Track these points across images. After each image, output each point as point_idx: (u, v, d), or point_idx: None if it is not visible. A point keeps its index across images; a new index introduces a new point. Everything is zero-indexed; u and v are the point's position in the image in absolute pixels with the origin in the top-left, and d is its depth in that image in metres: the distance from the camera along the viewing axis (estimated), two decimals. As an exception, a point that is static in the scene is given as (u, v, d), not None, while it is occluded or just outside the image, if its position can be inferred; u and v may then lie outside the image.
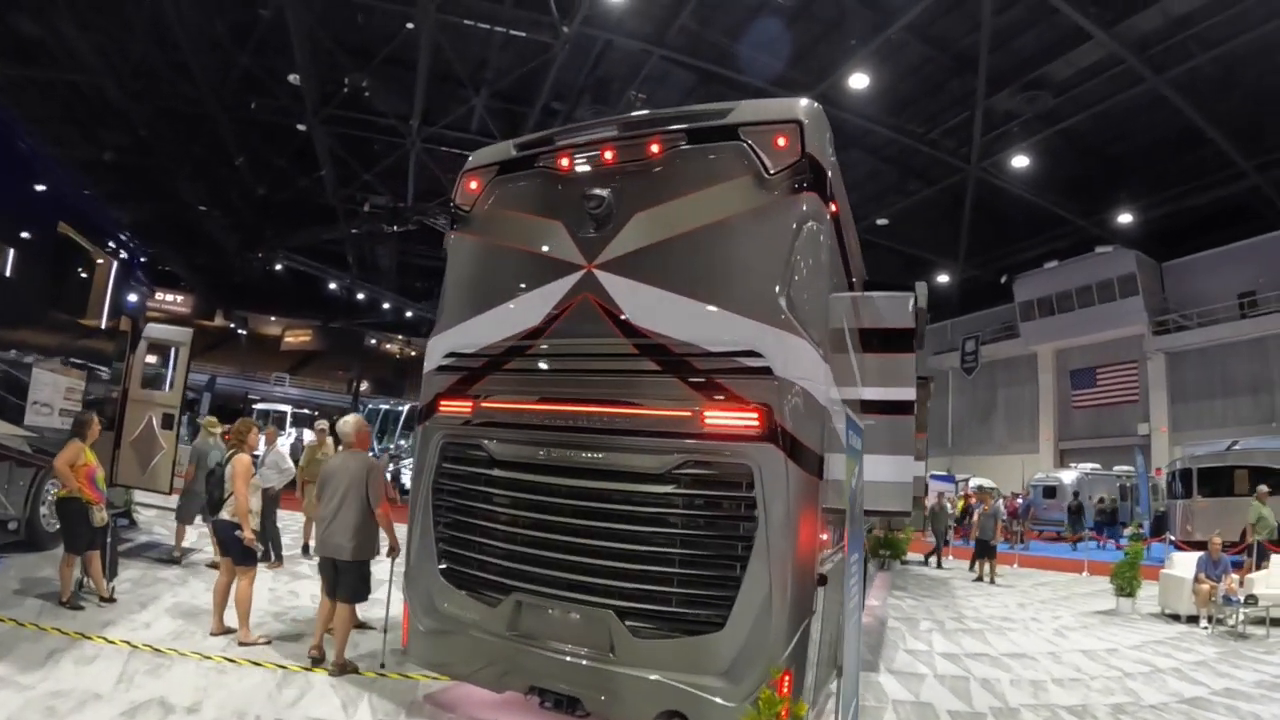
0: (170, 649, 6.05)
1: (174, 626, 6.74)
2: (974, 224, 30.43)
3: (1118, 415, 33.08)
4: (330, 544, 5.94)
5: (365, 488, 5.95)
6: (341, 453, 6.51)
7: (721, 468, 4.22)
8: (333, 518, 5.93)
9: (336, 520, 5.92)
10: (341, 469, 6.10)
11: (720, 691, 4.00)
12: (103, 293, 9.59)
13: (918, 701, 6.50)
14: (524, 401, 4.80)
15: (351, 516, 5.90)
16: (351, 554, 5.87)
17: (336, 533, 5.90)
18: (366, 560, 6.02)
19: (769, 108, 4.97)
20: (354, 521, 5.89)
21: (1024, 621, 10.67)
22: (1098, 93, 23.52)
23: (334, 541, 5.91)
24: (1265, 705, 6.78)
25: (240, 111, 27.33)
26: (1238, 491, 16.64)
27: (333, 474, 6.12)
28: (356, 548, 5.89)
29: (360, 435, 6.34)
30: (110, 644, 6.01)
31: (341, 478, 6.01)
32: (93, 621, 6.57)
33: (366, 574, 6.06)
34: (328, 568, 6.04)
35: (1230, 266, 29.25)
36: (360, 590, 6.03)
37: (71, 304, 9.21)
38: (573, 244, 4.83)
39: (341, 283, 42.50)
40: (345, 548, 5.86)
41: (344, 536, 5.87)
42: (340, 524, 5.90)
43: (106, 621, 6.63)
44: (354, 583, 5.96)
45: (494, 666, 4.71)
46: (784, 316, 4.28)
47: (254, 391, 44.47)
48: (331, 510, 5.94)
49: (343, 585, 5.94)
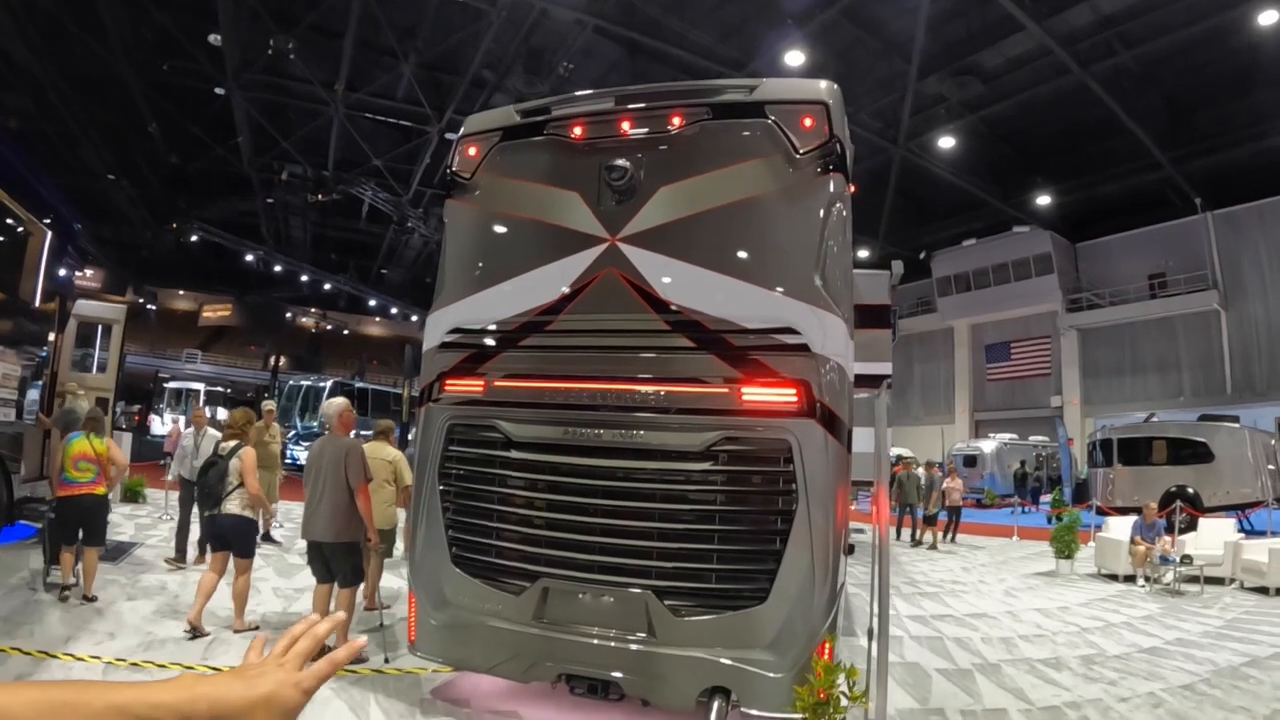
0: (145, 661, 5.59)
1: (139, 637, 6.16)
2: (896, 202, 31.24)
3: (1031, 388, 34.73)
4: (315, 528, 5.88)
5: (344, 470, 5.83)
6: (324, 436, 6.37)
7: (761, 443, 4.21)
8: (318, 502, 5.88)
9: (321, 504, 5.86)
10: (322, 453, 6.01)
11: (766, 664, 4.03)
12: (36, 267, 8.89)
13: (905, 662, 6.73)
14: (545, 379, 4.65)
15: (334, 499, 5.83)
16: (336, 536, 5.82)
17: (321, 516, 5.84)
18: (355, 542, 5.96)
19: (794, 87, 4.95)
20: (336, 504, 5.83)
21: (974, 585, 11.15)
22: (1024, 81, 24.50)
23: (319, 525, 5.85)
24: (1216, 651, 7.28)
25: (153, 74, 25.80)
26: (1154, 460, 17.74)
27: (315, 458, 6.03)
28: (340, 530, 5.84)
29: (343, 419, 6.24)
30: (79, 660, 5.48)
31: (324, 461, 5.94)
32: (51, 636, 5.99)
33: (358, 557, 6.00)
34: (315, 552, 5.98)
35: (1141, 250, 30.95)
36: (355, 573, 5.96)
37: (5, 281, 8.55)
38: (593, 216, 4.70)
39: (258, 255, 40.81)
40: (329, 530, 5.82)
41: (327, 520, 5.82)
42: (324, 508, 5.85)
43: (66, 636, 6.03)
44: (346, 567, 5.91)
45: (520, 658, 4.53)
46: (820, 294, 4.29)
47: (165, 369, 42.35)
48: (316, 495, 5.90)
49: (336, 570, 5.91)
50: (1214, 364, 29.11)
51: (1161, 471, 17.30)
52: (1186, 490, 16.38)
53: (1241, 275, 28.61)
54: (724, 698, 4.10)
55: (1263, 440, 17.63)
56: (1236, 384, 28.23)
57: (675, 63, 22.89)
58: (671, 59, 23.00)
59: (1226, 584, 10.94)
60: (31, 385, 9.06)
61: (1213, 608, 9.48)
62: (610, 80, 24.11)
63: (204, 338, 53.14)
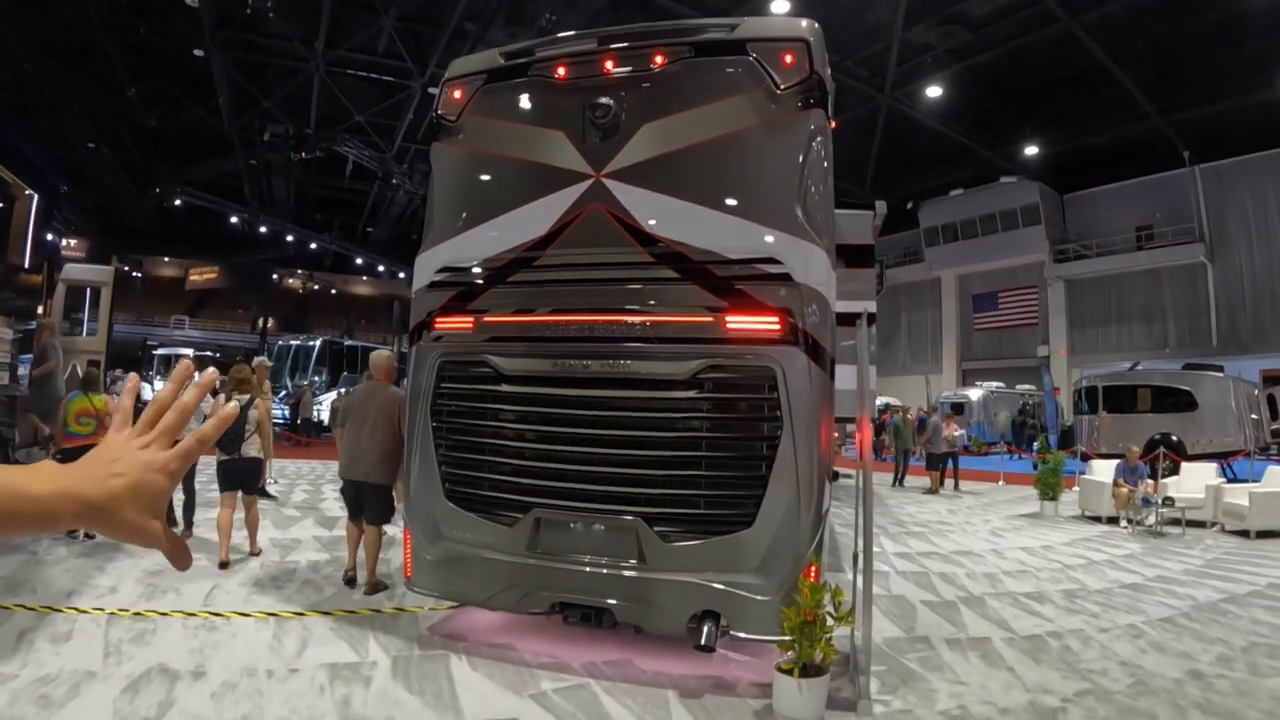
0: (149, 611, 5.64)
1: (140, 589, 6.20)
2: (882, 151, 31.09)
3: (1017, 338, 34.94)
4: (359, 468, 6.31)
5: (397, 418, 6.15)
6: (368, 383, 6.72)
7: (745, 371, 4.30)
8: (364, 445, 6.28)
9: (367, 446, 6.27)
10: (371, 399, 6.42)
11: (753, 587, 4.15)
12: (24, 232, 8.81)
13: (890, 595, 6.92)
14: (534, 314, 4.72)
15: (382, 443, 6.25)
16: (381, 477, 6.29)
17: (367, 456, 6.27)
18: (391, 485, 6.36)
19: (775, 25, 4.99)
20: (384, 448, 6.24)
21: (960, 525, 11.37)
22: (1012, 30, 24.27)
23: (364, 465, 6.28)
24: (1195, 589, 7.47)
25: (129, 38, 25.31)
26: (1139, 408, 17.98)
27: (361, 403, 6.45)
28: (388, 473, 6.28)
29: (388, 370, 6.73)
30: (83, 614, 5.52)
31: (371, 407, 6.37)
32: (55, 591, 6.03)
33: (391, 497, 6.41)
34: (351, 491, 6.45)
35: (1129, 201, 30.96)
36: (387, 512, 6.42)
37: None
38: (577, 154, 4.73)
39: (242, 217, 40.41)
40: (379, 472, 6.27)
41: (376, 462, 6.25)
42: (370, 449, 6.26)
43: (69, 591, 6.05)
44: (380, 505, 6.37)
45: (515, 588, 4.65)
46: (802, 226, 4.36)
47: (153, 336, 42.08)
48: (361, 437, 6.29)
49: (370, 508, 6.34)
50: (1199, 316, 29.33)
51: (1146, 419, 17.54)
52: (1170, 438, 16.57)
53: (1228, 229, 28.68)
54: (714, 621, 4.22)
55: (1246, 390, 17.87)
56: (1222, 336, 28.48)
57: (660, 12, 22.53)
58: (655, 8, 22.64)
59: (1208, 527, 11.13)
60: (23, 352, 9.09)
61: (1194, 548, 9.68)
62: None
63: (191, 303, 52.75)
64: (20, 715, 3.85)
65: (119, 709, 3.99)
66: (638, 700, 4.32)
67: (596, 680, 4.58)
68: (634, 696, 4.36)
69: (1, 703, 3.97)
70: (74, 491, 0.80)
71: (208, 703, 4.12)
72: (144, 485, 0.84)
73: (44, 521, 0.79)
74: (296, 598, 6.20)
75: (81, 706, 4.00)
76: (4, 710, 3.90)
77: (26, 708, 3.93)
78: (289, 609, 5.88)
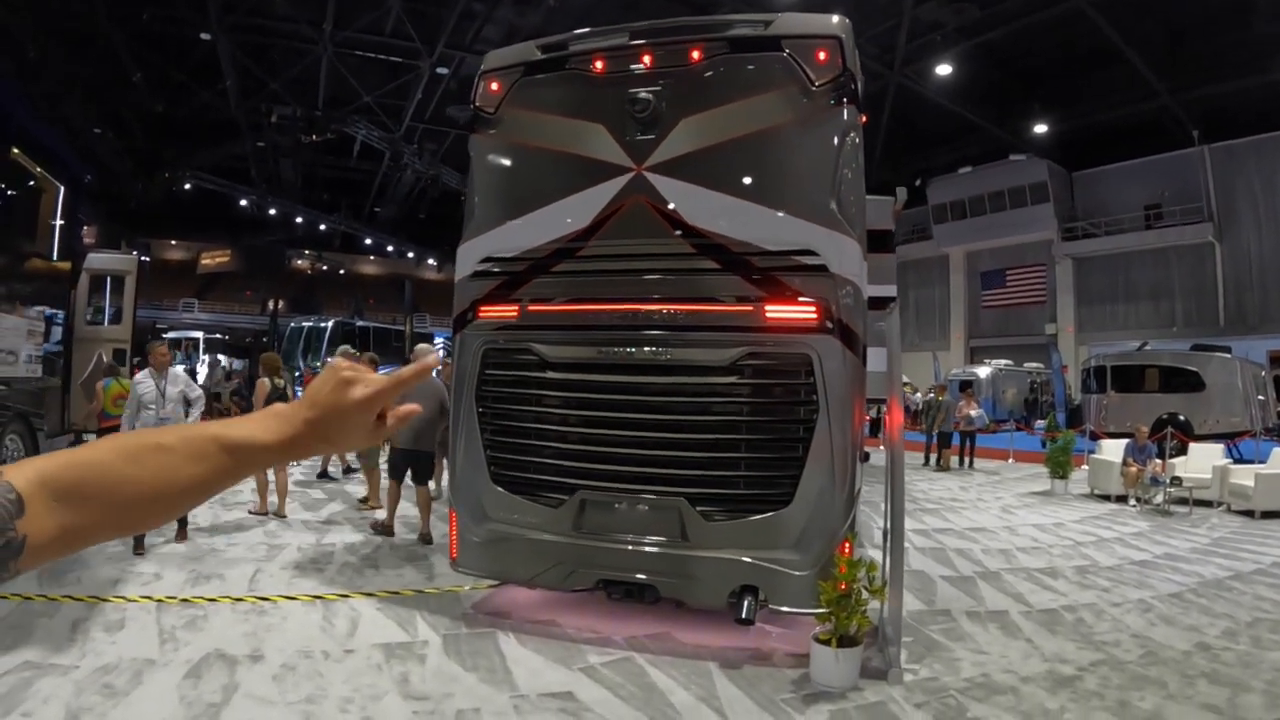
0: (195, 597, 5.73)
1: (184, 574, 6.33)
2: (891, 129, 31.02)
3: (1025, 315, 34.89)
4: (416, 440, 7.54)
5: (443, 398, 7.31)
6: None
7: (783, 358, 4.51)
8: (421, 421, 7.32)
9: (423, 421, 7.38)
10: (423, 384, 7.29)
11: (791, 563, 4.38)
12: (51, 223, 8.97)
13: (910, 569, 7.08)
14: (578, 303, 4.93)
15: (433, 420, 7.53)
16: (431, 446, 7.78)
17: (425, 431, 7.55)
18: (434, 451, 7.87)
19: (808, 22, 5.09)
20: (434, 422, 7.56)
21: (972, 502, 11.62)
22: (1022, 7, 24.13)
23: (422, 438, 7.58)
24: (1202, 566, 7.70)
25: (135, 24, 25.30)
26: (1147, 388, 18.15)
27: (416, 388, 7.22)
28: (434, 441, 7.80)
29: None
30: (132, 602, 5.56)
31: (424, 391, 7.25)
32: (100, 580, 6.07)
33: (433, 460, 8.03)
34: (409, 459, 7.66)
35: (1138, 179, 30.80)
36: (431, 472, 8.06)
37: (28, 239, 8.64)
38: (618, 147, 4.89)
39: (250, 199, 40.47)
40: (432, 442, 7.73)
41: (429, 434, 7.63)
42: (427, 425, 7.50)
43: (114, 580, 6.08)
44: (428, 467, 7.91)
45: (560, 566, 4.88)
46: (836, 219, 4.54)
47: (162, 320, 42.29)
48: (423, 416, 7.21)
49: (420, 471, 7.73)
50: (1207, 296, 29.31)
51: (1154, 399, 17.69)
52: (1178, 418, 16.66)
53: (1236, 209, 28.58)
54: (753, 595, 4.45)
55: (1253, 371, 17.98)
56: (1229, 316, 28.48)
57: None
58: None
59: (1215, 507, 11.32)
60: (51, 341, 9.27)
61: (1200, 527, 9.91)
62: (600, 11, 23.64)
63: (200, 286, 52.87)
64: (87, 705, 3.88)
65: (184, 695, 4.07)
66: (682, 671, 4.54)
67: (640, 653, 4.80)
68: (678, 668, 4.58)
69: (67, 693, 3.98)
70: (302, 449, 0.88)
71: (270, 685, 4.24)
72: (331, 399, 0.87)
73: (287, 452, 0.87)
74: (338, 579, 6.40)
75: (146, 694, 4.06)
76: (71, 701, 3.91)
77: (92, 698, 3.97)
78: (333, 591, 6.05)
